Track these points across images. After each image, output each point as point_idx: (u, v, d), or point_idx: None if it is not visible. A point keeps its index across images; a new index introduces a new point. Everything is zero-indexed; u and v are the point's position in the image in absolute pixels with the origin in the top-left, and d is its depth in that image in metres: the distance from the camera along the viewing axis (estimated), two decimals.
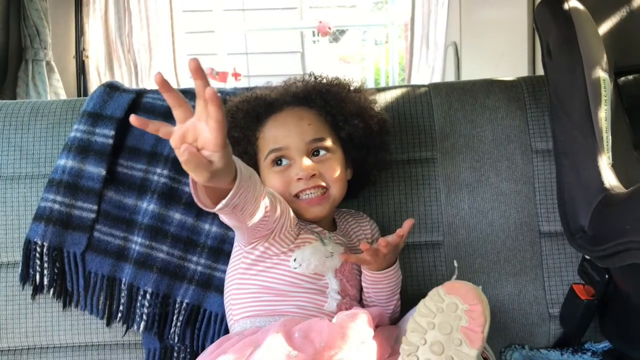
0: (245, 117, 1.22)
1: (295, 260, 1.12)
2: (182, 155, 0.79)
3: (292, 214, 1.13)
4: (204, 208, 0.92)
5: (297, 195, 1.16)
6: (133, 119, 0.80)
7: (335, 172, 1.18)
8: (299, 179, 1.14)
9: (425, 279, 1.33)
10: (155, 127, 0.82)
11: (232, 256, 1.20)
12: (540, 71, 1.28)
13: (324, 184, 1.16)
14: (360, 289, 1.20)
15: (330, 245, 1.15)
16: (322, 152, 1.18)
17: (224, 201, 0.89)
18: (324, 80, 1.27)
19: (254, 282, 1.14)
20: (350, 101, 1.23)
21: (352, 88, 1.26)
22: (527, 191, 1.36)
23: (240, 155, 1.18)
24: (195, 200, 0.91)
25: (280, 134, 1.18)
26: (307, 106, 1.22)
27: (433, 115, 1.39)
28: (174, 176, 1.30)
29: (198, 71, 0.76)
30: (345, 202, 1.26)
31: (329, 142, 1.19)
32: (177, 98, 0.80)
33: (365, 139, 1.23)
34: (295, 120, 1.19)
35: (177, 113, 0.81)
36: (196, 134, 0.80)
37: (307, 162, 1.15)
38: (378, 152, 1.26)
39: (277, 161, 1.17)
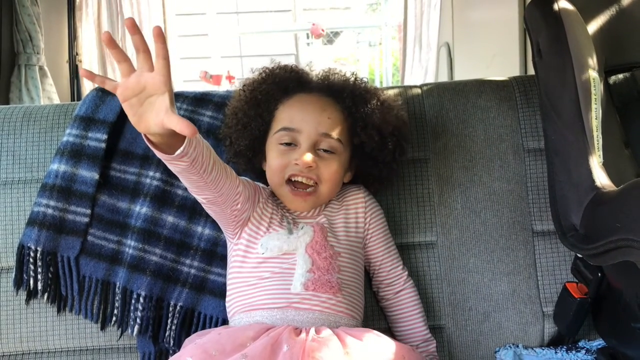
0: (275, 84, 1.23)
1: (262, 246, 1.16)
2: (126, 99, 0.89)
3: (262, 195, 1.20)
4: (163, 157, 0.96)
5: (289, 179, 1.17)
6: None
7: (332, 172, 1.18)
8: (296, 164, 1.16)
9: (419, 279, 1.33)
10: (101, 80, 0.91)
11: (228, 259, 1.23)
12: (531, 71, 1.29)
13: (315, 178, 1.17)
14: (336, 258, 1.18)
15: (298, 232, 1.18)
16: (327, 150, 1.18)
17: (181, 148, 0.94)
18: (362, 85, 1.26)
19: (234, 277, 1.18)
20: (378, 113, 1.22)
21: (384, 102, 1.25)
22: (520, 190, 1.36)
23: (254, 118, 1.21)
24: (155, 152, 0.96)
25: (298, 116, 1.18)
26: (334, 99, 1.22)
27: (425, 115, 1.40)
28: (166, 179, 1.30)
29: (134, 27, 0.86)
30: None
31: (338, 143, 1.19)
32: (122, 53, 0.88)
33: (376, 152, 1.23)
34: (318, 109, 1.19)
35: (122, 67, 0.89)
36: (141, 85, 0.89)
37: (309, 156, 1.15)
38: (384, 169, 1.26)
39: (286, 142, 1.18)
